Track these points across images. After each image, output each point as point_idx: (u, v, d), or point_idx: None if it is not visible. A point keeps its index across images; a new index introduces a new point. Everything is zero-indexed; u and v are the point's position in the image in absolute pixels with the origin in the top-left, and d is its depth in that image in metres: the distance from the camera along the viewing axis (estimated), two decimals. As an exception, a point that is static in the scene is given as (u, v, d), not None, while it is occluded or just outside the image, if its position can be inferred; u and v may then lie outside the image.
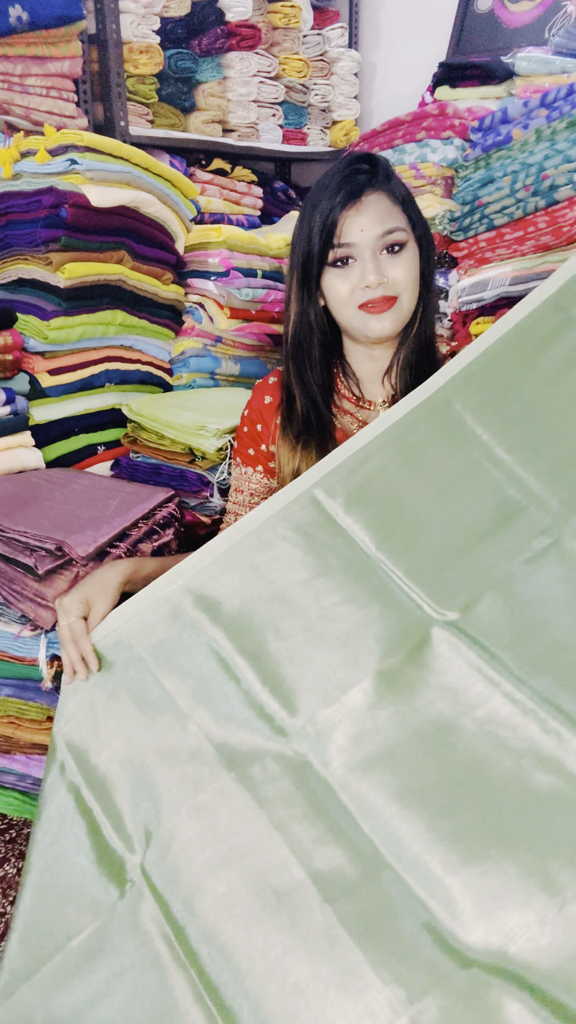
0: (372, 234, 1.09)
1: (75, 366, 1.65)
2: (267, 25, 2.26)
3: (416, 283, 1.14)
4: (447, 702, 0.85)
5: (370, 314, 1.12)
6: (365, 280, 1.09)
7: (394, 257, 1.11)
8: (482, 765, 0.81)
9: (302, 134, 2.51)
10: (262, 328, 1.93)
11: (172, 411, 1.60)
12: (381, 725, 0.86)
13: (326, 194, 1.09)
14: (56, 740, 1.00)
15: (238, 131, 2.28)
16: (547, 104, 1.55)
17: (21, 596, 1.18)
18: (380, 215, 1.09)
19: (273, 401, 1.27)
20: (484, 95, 1.92)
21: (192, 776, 0.91)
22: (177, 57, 2.04)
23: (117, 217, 1.62)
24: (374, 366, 1.23)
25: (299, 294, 1.17)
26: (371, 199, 1.09)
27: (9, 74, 1.73)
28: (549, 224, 1.53)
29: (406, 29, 2.61)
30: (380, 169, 1.11)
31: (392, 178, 1.12)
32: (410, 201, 1.14)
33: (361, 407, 1.25)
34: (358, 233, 1.09)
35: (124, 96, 1.95)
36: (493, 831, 0.78)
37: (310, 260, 1.12)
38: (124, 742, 0.96)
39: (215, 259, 1.85)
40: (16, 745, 1.27)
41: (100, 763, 0.96)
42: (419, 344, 1.19)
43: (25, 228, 1.57)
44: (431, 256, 1.18)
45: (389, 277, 1.10)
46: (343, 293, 1.12)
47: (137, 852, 0.91)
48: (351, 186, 1.08)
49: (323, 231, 1.09)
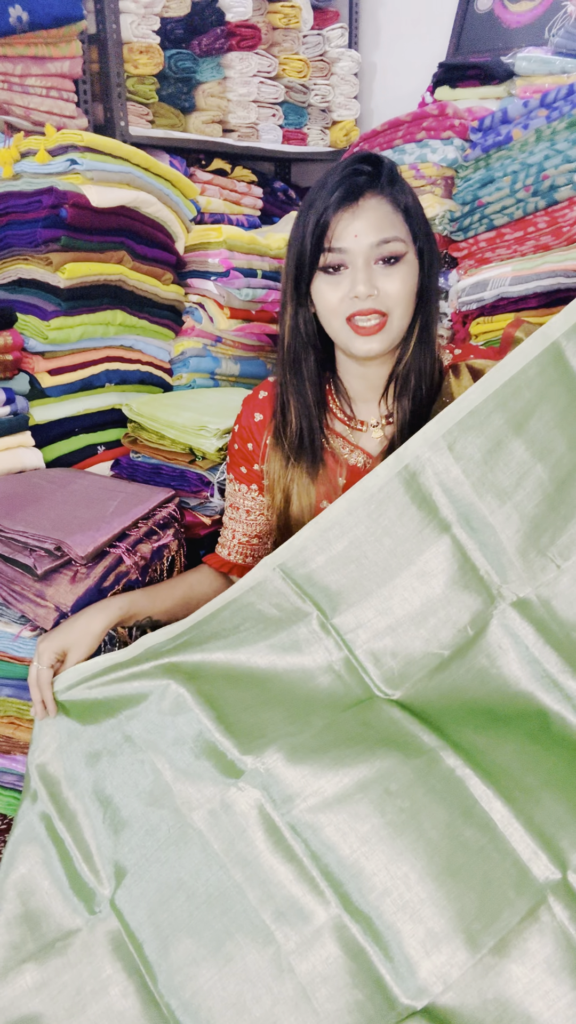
0: (367, 241, 1.01)
1: (75, 366, 1.65)
2: (267, 25, 2.26)
3: (410, 299, 1.05)
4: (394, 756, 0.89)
5: (357, 334, 1.05)
6: (354, 290, 1.02)
7: (389, 269, 1.03)
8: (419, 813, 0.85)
9: (302, 134, 2.51)
10: (262, 328, 1.93)
11: (172, 411, 1.60)
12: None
13: (322, 193, 1.02)
14: (30, 769, 1.04)
15: (238, 131, 2.29)
16: (547, 104, 1.54)
17: (21, 596, 1.18)
18: (377, 222, 1.01)
19: (264, 419, 1.23)
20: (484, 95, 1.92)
21: (153, 818, 0.95)
22: (177, 57, 2.04)
23: (117, 217, 1.62)
24: (366, 385, 1.16)
25: (292, 298, 1.10)
26: (370, 203, 1.02)
27: (9, 74, 1.73)
28: (549, 224, 1.53)
29: (406, 29, 2.61)
30: (383, 172, 1.03)
31: (396, 183, 1.04)
32: (415, 210, 1.06)
33: (353, 428, 1.19)
34: (351, 239, 1.01)
35: (124, 96, 1.95)
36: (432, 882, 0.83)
37: (302, 263, 1.05)
38: (89, 779, 1.00)
39: (215, 259, 1.85)
40: (16, 745, 1.26)
41: (71, 797, 1.00)
42: (417, 365, 1.11)
43: (25, 228, 1.57)
44: (433, 271, 1.09)
45: (381, 290, 1.02)
46: (331, 302, 1.04)
47: (106, 886, 0.96)
48: (349, 187, 1.01)
49: (315, 232, 1.02)
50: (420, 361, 1.11)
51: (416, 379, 1.12)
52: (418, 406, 1.13)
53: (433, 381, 1.13)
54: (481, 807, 0.84)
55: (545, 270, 1.53)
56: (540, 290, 1.54)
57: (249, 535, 1.30)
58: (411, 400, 1.12)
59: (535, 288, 1.55)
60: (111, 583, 1.23)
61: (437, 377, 1.14)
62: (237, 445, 1.27)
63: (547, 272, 1.53)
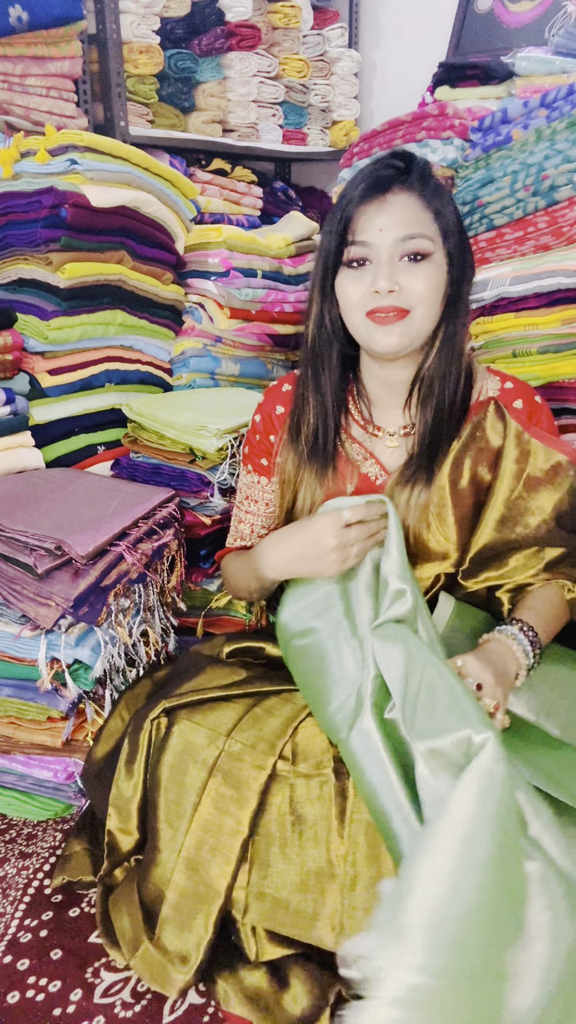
0: (391, 236, 0.99)
1: (75, 366, 1.65)
2: (267, 25, 2.26)
3: (435, 299, 1.02)
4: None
5: (376, 324, 1.02)
6: (376, 285, 0.99)
7: (414, 266, 1.00)
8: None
9: (302, 134, 2.51)
10: (262, 328, 1.93)
11: (172, 411, 1.60)
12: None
13: (351, 186, 1.01)
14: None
15: (238, 131, 2.28)
16: (547, 104, 1.54)
17: (21, 595, 1.18)
18: (404, 217, 0.99)
19: (285, 411, 1.20)
20: (484, 95, 1.92)
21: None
22: (177, 57, 2.04)
23: (117, 217, 1.62)
24: (388, 389, 1.14)
25: (318, 294, 1.07)
26: (397, 198, 0.99)
27: (9, 74, 1.73)
28: (549, 224, 1.53)
29: (406, 29, 2.60)
30: (415, 168, 1.01)
31: (428, 181, 1.01)
32: (446, 211, 1.02)
33: (370, 434, 1.16)
34: (376, 232, 0.99)
35: (124, 96, 1.95)
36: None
37: (327, 257, 1.03)
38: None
39: (215, 259, 1.85)
40: (16, 745, 1.26)
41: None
42: (441, 371, 1.07)
43: (25, 228, 1.57)
44: (463, 275, 1.05)
45: (403, 286, 1.00)
46: (352, 296, 1.02)
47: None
48: (376, 180, 0.99)
49: (340, 225, 1.01)
50: (445, 368, 1.07)
51: (440, 387, 1.08)
52: (441, 418, 1.09)
53: (458, 394, 1.09)
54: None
55: (545, 270, 1.53)
56: (540, 290, 1.54)
57: (268, 528, 1.27)
58: (434, 410, 1.09)
59: (535, 288, 1.55)
60: (112, 581, 1.23)
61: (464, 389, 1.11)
62: (258, 436, 1.24)
63: (547, 272, 1.53)
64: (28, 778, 1.29)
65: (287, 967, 0.99)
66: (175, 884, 1.01)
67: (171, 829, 1.03)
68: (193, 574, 1.59)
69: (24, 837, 1.30)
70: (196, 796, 1.01)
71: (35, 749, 1.26)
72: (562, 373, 1.52)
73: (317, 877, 0.96)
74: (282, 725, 1.05)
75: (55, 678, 1.20)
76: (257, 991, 0.99)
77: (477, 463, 1.10)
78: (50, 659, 1.18)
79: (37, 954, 1.09)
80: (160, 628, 1.42)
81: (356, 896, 0.94)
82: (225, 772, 1.01)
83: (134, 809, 1.10)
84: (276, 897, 0.97)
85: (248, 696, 1.10)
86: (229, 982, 1.00)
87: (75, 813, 1.34)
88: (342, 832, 0.95)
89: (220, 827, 1.00)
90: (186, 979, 0.99)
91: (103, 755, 1.19)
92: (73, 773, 1.25)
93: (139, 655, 1.35)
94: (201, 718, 1.06)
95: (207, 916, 0.99)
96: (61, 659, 1.19)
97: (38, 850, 1.27)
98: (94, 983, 1.05)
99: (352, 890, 0.94)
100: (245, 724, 1.05)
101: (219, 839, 0.99)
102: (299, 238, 2.07)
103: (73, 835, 1.24)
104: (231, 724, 1.04)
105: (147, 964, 1.01)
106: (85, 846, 1.21)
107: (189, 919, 1.00)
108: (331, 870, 0.95)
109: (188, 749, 1.03)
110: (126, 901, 1.07)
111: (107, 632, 1.24)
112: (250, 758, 1.00)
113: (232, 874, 0.99)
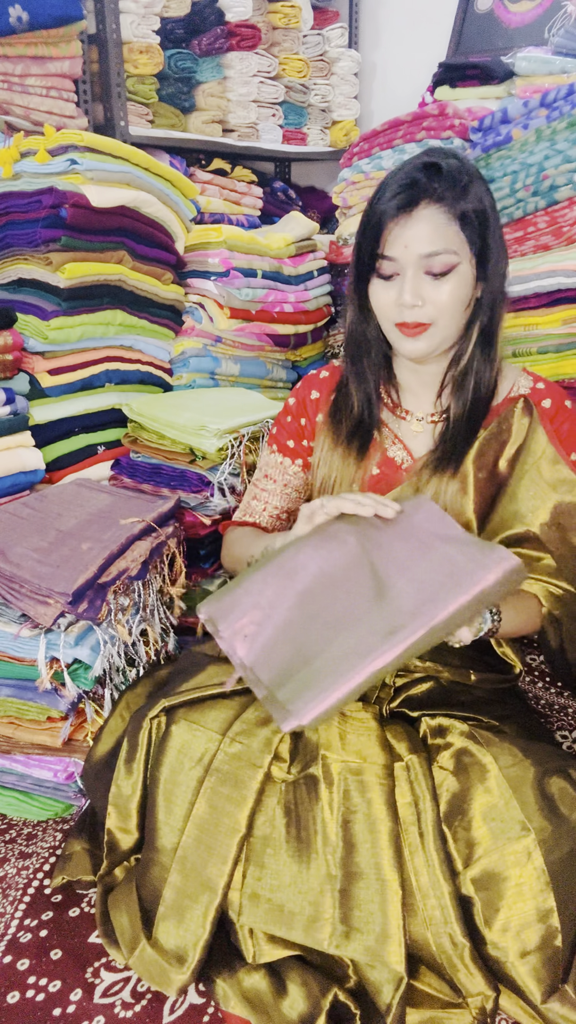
0: (416, 252, 1.03)
1: (75, 366, 1.65)
2: (267, 25, 2.26)
3: (456, 309, 1.06)
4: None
5: (403, 334, 1.08)
6: (401, 299, 1.05)
7: (438, 281, 1.04)
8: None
9: (302, 134, 2.51)
10: (262, 328, 1.93)
11: (172, 411, 1.60)
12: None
13: (384, 194, 1.04)
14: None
15: (238, 131, 2.29)
16: (547, 104, 1.55)
17: (20, 594, 1.18)
18: (429, 233, 1.02)
19: (319, 398, 1.25)
20: (484, 95, 1.92)
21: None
22: (177, 57, 2.04)
23: (117, 217, 1.62)
24: (418, 380, 1.19)
25: (355, 294, 1.13)
26: (424, 213, 1.02)
27: (9, 74, 1.73)
28: (549, 224, 1.53)
29: (406, 29, 2.61)
30: (444, 178, 1.02)
31: (456, 188, 1.02)
32: (473, 219, 1.03)
33: (397, 416, 1.21)
34: (402, 248, 1.03)
35: (124, 96, 1.95)
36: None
37: (361, 262, 1.09)
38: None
39: (215, 259, 1.85)
40: (16, 745, 1.26)
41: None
42: (476, 367, 1.12)
43: (25, 228, 1.57)
44: (497, 274, 1.08)
45: (427, 299, 1.04)
46: (383, 306, 1.09)
47: None
48: (406, 196, 1.02)
49: (370, 236, 1.06)
50: (480, 364, 1.12)
51: (474, 381, 1.13)
52: (473, 408, 1.14)
53: (490, 386, 1.14)
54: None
55: (545, 270, 1.54)
56: (540, 290, 1.54)
57: (281, 508, 1.31)
58: (466, 401, 1.14)
59: (535, 288, 1.55)
60: (112, 578, 1.23)
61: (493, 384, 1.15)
62: (290, 418, 1.28)
63: (547, 272, 1.53)
64: (28, 778, 1.29)
65: (284, 970, 0.99)
66: (172, 883, 1.01)
67: (169, 828, 1.03)
68: (193, 574, 1.59)
69: (24, 837, 1.30)
70: (193, 795, 1.01)
71: (35, 749, 1.26)
72: (563, 373, 1.52)
73: (312, 879, 0.95)
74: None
75: (55, 678, 1.20)
76: (256, 993, 0.99)
77: (499, 455, 1.14)
78: (49, 658, 1.18)
79: (37, 954, 1.09)
80: (160, 627, 1.42)
81: (352, 898, 0.94)
82: (222, 771, 1.01)
83: (134, 808, 1.10)
84: (271, 899, 0.97)
85: (247, 695, 1.10)
86: (228, 983, 1.00)
87: (75, 813, 1.33)
88: (337, 833, 0.95)
89: (217, 826, 1.00)
90: (184, 978, 0.99)
91: (103, 754, 1.19)
92: (73, 773, 1.25)
93: (139, 655, 1.35)
94: (199, 717, 1.06)
95: (204, 915, 0.99)
96: (60, 658, 1.18)
97: (38, 850, 1.27)
98: (94, 983, 1.05)
99: (348, 892, 0.94)
100: (242, 723, 1.05)
101: (216, 838, 0.99)
102: (299, 238, 2.07)
103: (73, 835, 1.24)
104: (228, 723, 1.05)
105: (145, 963, 1.01)
106: (85, 846, 1.21)
107: (186, 918, 1.00)
108: (326, 871, 0.95)
109: (186, 748, 1.04)
110: (125, 900, 1.07)
111: (106, 631, 1.24)
112: (247, 757, 1.01)
113: (229, 873, 0.98)
